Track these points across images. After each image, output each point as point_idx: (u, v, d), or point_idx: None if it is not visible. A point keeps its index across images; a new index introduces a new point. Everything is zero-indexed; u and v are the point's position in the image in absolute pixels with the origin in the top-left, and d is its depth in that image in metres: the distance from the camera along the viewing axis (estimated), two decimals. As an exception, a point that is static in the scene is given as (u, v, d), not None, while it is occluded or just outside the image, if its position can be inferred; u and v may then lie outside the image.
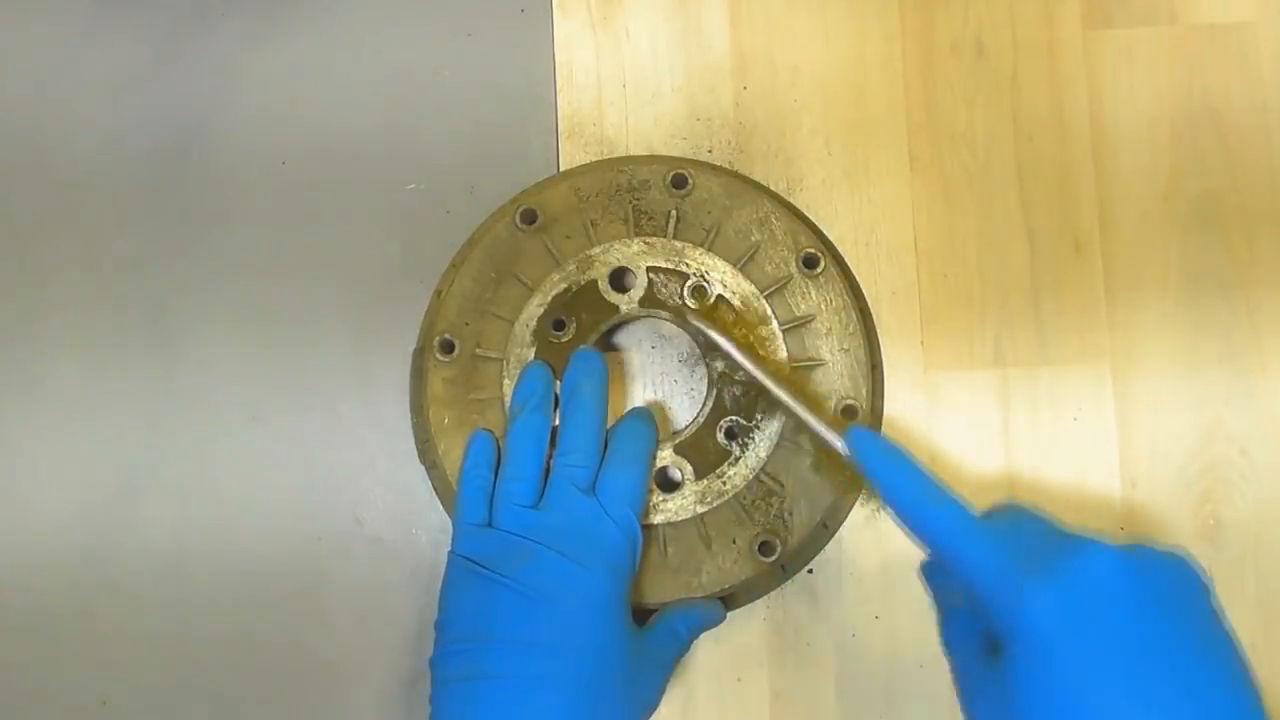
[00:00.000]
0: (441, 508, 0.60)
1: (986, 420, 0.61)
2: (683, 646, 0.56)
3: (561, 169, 0.62)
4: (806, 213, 0.62)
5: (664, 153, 0.63)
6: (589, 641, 0.52)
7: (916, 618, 0.60)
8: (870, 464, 0.50)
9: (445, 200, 0.62)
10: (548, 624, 0.51)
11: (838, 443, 0.53)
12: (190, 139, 0.63)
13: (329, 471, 0.61)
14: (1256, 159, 0.62)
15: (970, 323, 0.61)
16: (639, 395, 0.62)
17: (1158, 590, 0.43)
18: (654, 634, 0.55)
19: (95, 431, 0.61)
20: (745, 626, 0.60)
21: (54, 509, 0.61)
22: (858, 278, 0.61)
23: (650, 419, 0.58)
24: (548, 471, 0.55)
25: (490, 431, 0.58)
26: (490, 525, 0.55)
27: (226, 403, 0.61)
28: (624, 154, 0.62)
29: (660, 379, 0.62)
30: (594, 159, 0.62)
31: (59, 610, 0.61)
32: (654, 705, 0.55)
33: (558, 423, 0.57)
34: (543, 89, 0.63)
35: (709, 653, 0.60)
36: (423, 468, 0.61)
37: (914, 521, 0.48)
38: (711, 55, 0.63)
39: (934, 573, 0.53)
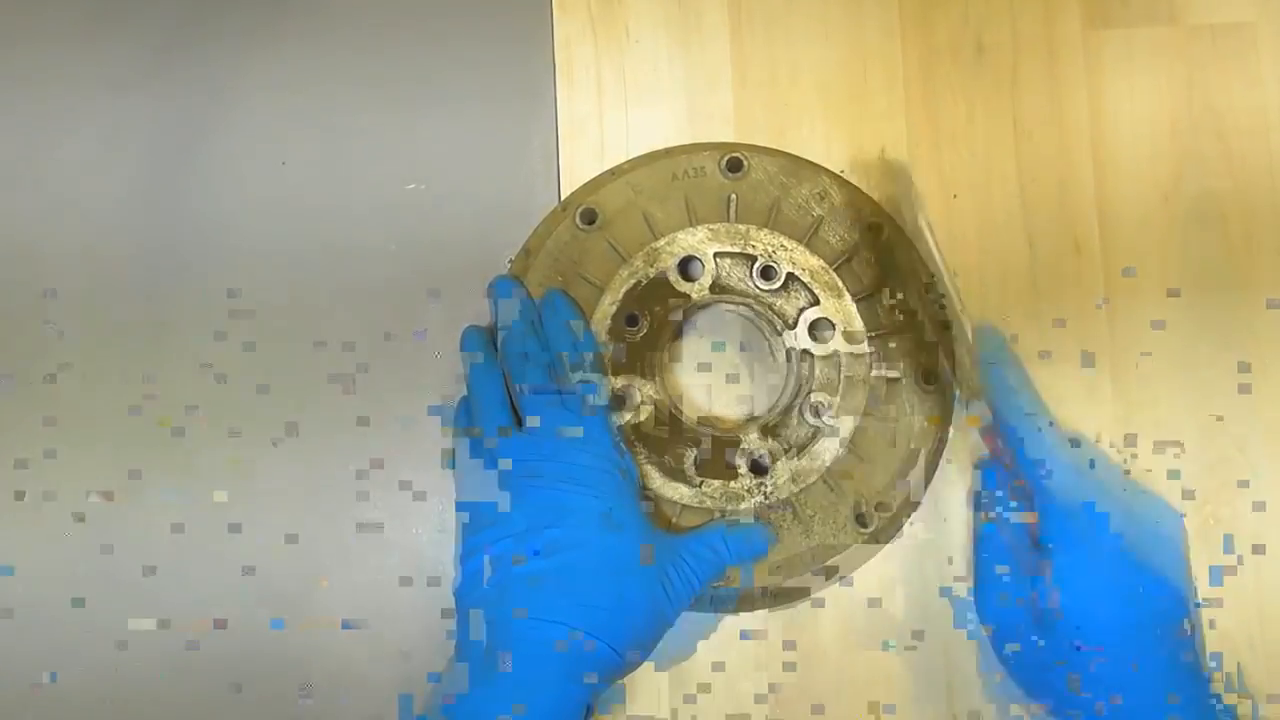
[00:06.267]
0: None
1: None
2: (720, 565, 0.56)
3: (562, 169, 0.62)
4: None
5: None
6: (607, 510, 0.54)
7: (915, 617, 0.60)
8: (992, 362, 0.56)
9: (445, 199, 0.62)
10: (559, 508, 0.54)
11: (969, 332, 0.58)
12: (189, 142, 0.63)
13: (331, 472, 0.61)
14: (1256, 159, 0.62)
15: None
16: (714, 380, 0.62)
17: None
18: (685, 544, 0.55)
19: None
20: (746, 628, 0.60)
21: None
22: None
23: (561, 301, 0.59)
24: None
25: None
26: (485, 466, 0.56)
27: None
28: (624, 154, 0.62)
29: (735, 362, 0.62)
30: (594, 159, 0.62)
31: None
32: (669, 619, 0.55)
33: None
34: (543, 88, 0.63)
35: (708, 654, 0.60)
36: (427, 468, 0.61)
37: (1012, 424, 0.55)
38: (712, 54, 0.63)
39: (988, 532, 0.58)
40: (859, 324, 0.59)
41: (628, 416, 0.58)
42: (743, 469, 0.58)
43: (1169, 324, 0.61)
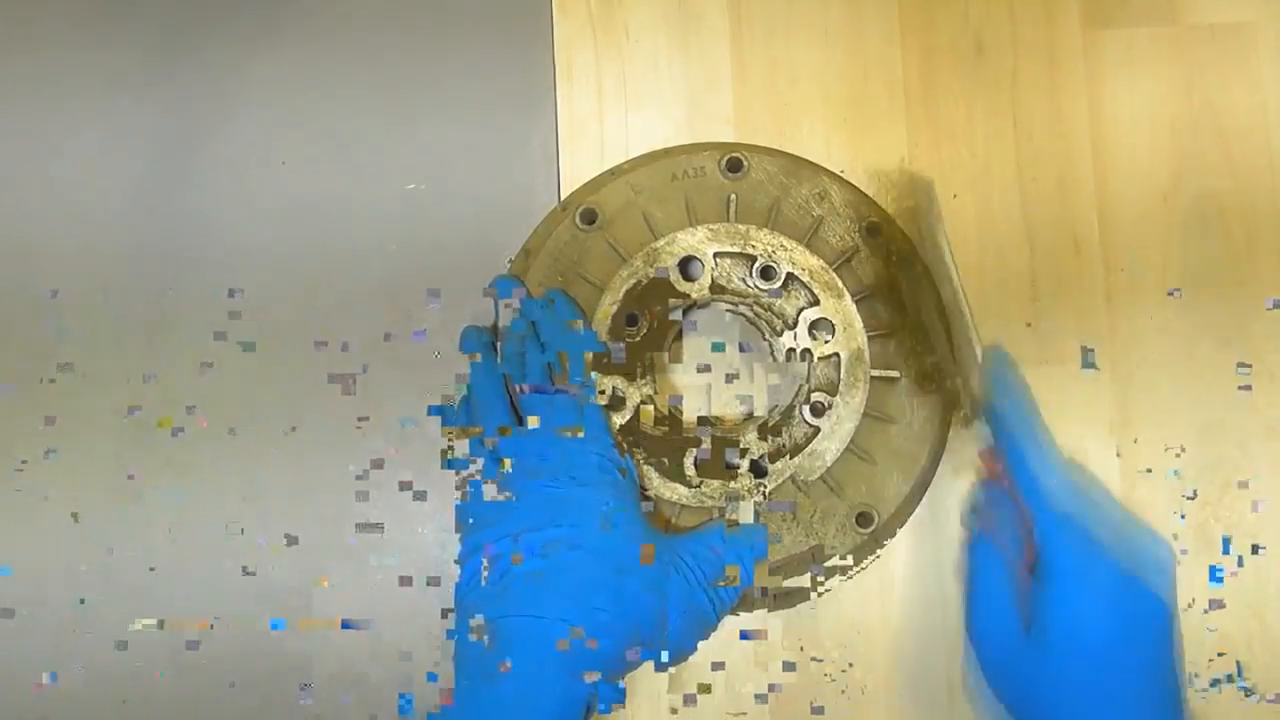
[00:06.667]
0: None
1: (986, 420, 0.61)
2: (720, 565, 0.55)
3: (562, 169, 0.62)
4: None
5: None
6: (607, 509, 0.54)
7: (915, 616, 0.60)
8: (999, 385, 0.55)
9: (445, 200, 0.63)
10: (559, 508, 0.54)
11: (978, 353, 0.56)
12: (189, 142, 0.63)
13: (331, 472, 0.61)
14: (1256, 159, 0.62)
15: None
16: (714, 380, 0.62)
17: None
18: (684, 544, 0.55)
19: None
20: (746, 628, 0.60)
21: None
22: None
23: (562, 301, 0.59)
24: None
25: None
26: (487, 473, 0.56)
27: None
28: (624, 155, 0.62)
29: (735, 362, 0.62)
30: (594, 159, 0.62)
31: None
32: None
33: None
34: (543, 89, 0.63)
35: (708, 654, 0.60)
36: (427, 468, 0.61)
37: (1016, 448, 0.54)
38: (712, 54, 0.63)
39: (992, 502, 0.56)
40: (859, 322, 0.59)
41: (627, 416, 0.58)
42: (742, 469, 0.58)
43: (1169, 324, 0.61)
